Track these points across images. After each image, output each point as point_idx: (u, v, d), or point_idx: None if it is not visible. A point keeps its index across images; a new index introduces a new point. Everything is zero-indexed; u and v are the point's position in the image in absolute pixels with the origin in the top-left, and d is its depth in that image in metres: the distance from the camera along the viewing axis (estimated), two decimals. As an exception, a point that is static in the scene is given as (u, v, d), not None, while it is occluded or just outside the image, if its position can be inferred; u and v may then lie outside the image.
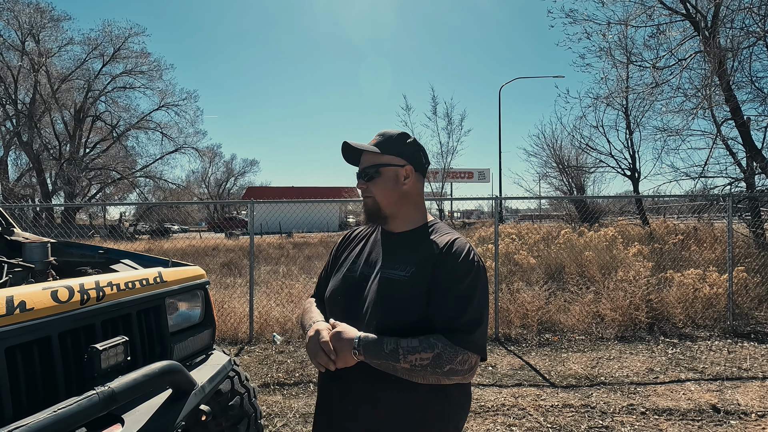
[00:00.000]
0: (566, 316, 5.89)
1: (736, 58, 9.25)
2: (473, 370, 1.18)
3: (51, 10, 28.62)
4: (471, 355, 1.16)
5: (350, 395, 1.26)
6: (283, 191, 42.45)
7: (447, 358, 1.13)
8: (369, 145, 1.34)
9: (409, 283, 1.22)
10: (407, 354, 1.13)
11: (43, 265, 2.43)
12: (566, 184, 18.13)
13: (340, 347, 1.17)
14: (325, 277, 1.49)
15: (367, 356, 1.16)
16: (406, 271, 1.24)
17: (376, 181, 1.32)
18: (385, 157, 1.32)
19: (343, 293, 1.34)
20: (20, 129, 28.35)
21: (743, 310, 6.07)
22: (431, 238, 1.29)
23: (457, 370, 1.14)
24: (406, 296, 1.21)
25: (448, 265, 1.21)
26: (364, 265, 1.35)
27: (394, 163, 1.32)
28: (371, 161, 1.33)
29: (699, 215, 11.38)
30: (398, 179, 1.32)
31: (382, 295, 1.23)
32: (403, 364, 1.13)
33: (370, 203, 1.34)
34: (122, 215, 30.84)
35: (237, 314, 5.91)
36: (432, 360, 1.12)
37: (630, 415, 3.48)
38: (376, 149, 1.32)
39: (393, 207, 1.33)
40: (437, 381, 1.17)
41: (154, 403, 1.64)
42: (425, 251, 1.26)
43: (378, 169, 1.32)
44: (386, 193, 1.32)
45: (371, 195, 1.33)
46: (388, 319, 1.21)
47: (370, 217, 1.36)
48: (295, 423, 3.43)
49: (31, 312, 1.44)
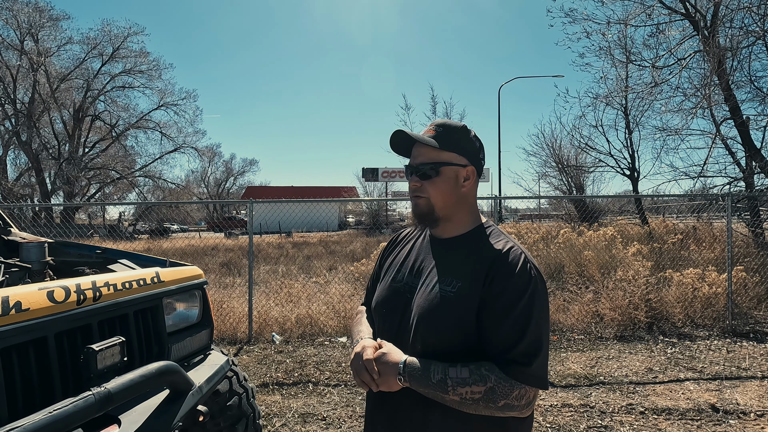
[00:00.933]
0: (565, 316, 5.89)
1: (736, 57, 9.26)
2: (531, 404, 1.05)
3: (50, 9, 28.64)
4: (529, 389, 1.02)
5: (397, 420, 1.17)
6: (282, 191, 42.47)
7: (501, 393, 1.00)
8: (427, 137, 1.18)
9: (456, 299, 1.09)
10: (456, 386, 1.01)
11: (40, 265, 2.43)
12: (566, 184, 18.13)
13: (384, 370, 1.07)
14: (372, 285, 1.39)
15: (413, 383, 1.05)
16: (452, 285, 1.12)
17: (434, 180, 1.17)
18: (446, 155, 1.17)
19: (387, 306, 1.23)
20: (19, 128, 28.33)
21: (742, 309, 6.07)
22: (482, 246, 1.16)
23: (513, 405, 1.02)
24: (452, 314, 1.09)
25: (501, 282, 1.07)
26: (408, 275, 1.23)
27: (456, 162, 1.17)
28: (429, 157, 1.17)
29: (698, 215, 11.37)
30: (458, 180, 1.18)
31: (428, 312, 1.12)
32: (452, 396, 1.02)
33: (422, 204, 1.19)
34: (121, 215, 30.85)
35: (236, 314, 5.91)
36: (484, 394, 1.01)
37: (629, 415, 3.48)
38: (435, 143, 1.16)
39: (448, 210, 1.19)
40: (491, 414, 1.05)
41: (151, 404, 1.64)
42: (475, 262, 1.12)
43: (438, 168, 1.16)
44: (443, 195, 1.17)
45: (425, 195, 1.18)
46: (434, 338, 1.10)
47: (420, 220, 1.22)
48: (293, 423, 3.42)
49: (27, 312, 1.43)
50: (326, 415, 3.54)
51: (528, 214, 28.11)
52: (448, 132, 1.19)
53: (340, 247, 15.75)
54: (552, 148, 17.73)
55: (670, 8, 9.63)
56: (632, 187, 14.99)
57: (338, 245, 16.36)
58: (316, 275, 8.94)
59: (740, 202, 9.10)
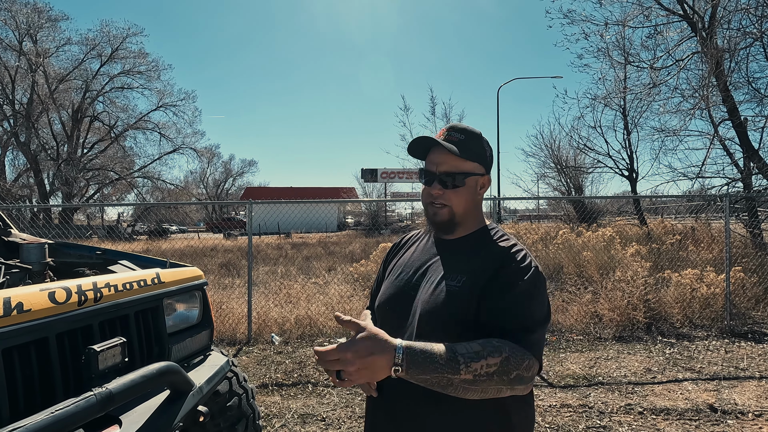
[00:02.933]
0: (564, 316, 5.90)
1: (733, 58, 9.29)
2: (534, 379, 1.03)
3: (49, 10, 28.65)
4: (534, 360, 1.01)
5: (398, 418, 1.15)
6: (281, 191, 42.45)
7: (515, 363, 0.96)
8: (450, 144, 1.16)
9: (461, 294, 1.10)
10: (470, 362, 0.92)
11: (40, 266, 2.43)
12: (564, 185, 18.16)
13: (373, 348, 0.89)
14: (377, 288, 1.39)
15: (413, 369, 0.90)
16: (457, 281, 1.12)
17: (458, 190, 1.16)
18: (468, 164, 1.17)
19: (390, 304, 1.24)
20: (18, 129, 28.29)
21: (740, 309, 6.09)
22: (488, 245, 1.17)
23: (523, 377, 0.98)
24: (456, 307, 1.09)
25: (505, 271, 1.09)
26: (413, 274, 1.23)
27: (477, 172, 1.18)
28: (454, 166, 1.16)
29: (696, 215, 11.41)
30: (476, 189, 1.19)
31: (432, 306, 1.12)
32: (464, 375, 0.92)
33: (445, 214, 1.18)
34: (120, 216, 30.79)
35: (235, 315, 5.91)
36: (500, 365, 0.94)
37: (628, 415, 3.49)
38: (458, 152, 1.15)
39: (463, 216, 1.20)
40: (496, 393, 0.98)
41: (151, 404, 1.64)
42: (482, 260, 1.14)
43: (464, 179, 1.16)
44: (465, 204, 1.18)
45: (448, 204, 1.17)
46: (439, 332, 1.08)
47: (439, 227, 1.21)
48: (293, 424, 3.43)
49: (29, 313, 1.44)
50: (326, 415, 3.55)
51: (527, 214, 28.16)
52: (470, 140, 1.18)
53: (339, 247, 15.75)
54: (551, 149, 17.78)
55: (668, 9, 9.66)
56: (631, 187, 15.04)
57: (337, 246, 16.36)
58: (315, 276, 8.95)
59: (738, 202, 9.13)
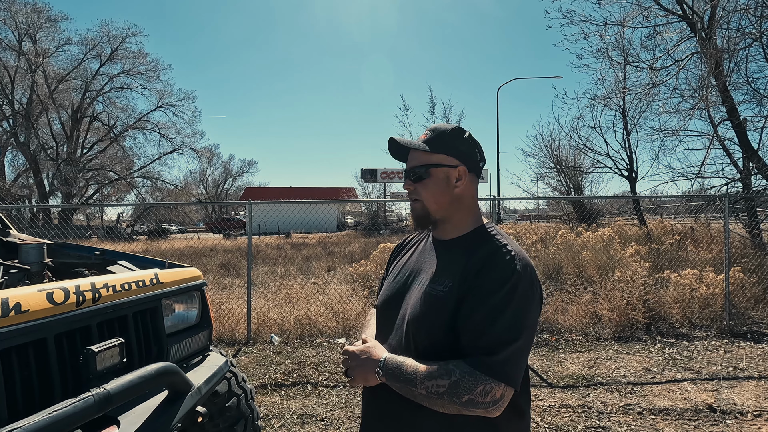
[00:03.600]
0: (564, 317, 5.90)
1: (733, 59, 9.28)
2: (499, 404, 0.99)
3: (48, 10, 28.63)
4: (495, 385, 0.97)
5: (386, 418, 1.18)
6: (281, 192, 42.44)
7: (465, 387, 0.97)
8: (418, 142, 1.21)
9: (446, 298, 1.09)
10: (424, 380, 1.01)
11: (39, 266, 2.43)
12: (564, 185, 18.17)
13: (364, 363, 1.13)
14: (380, 288, 1.41)
15: (388, 379, 1.08)
16: (444, 285, 1.12)
17: (425, 182, 1.19)
18: (435, 156, 1.19)
19: (386, 306, 1.26)
20: (17, 129, 28.28)
21: (740, 310, 6.10)
22: (478, 246, 1.15)
23: (477, 402, 0.97)
24: (441, 313, 1.08)
25: (482, 276, 1.06)
26: (408, 276, 1.25)
27: (445, 164, 1.19)
28: (420, 160, 1.20)
29: (696, 215, 11.42)
30: (449, 181, 1.19)
31: (418, 311, 1.13)
32: (419, 390, 1.02)
33: (418, 207, 1.22)
34: (120, 216, 30.78)
35: (235, 315, 5.91)
36: (448, 388, 0.98)
37: (627, 415, 3.49)
38: (425, 147, 1.19)
39: (443, 212, 1.20)
40: (458, 412, 1.02)
41: (150, 405, 1.64)
42: (467, 261, 1.12)
43: (427, 170, 1.19)
44: (436, 197, 1.19)
45: (419, 198, 1.21)
46: (424, 338, 1.11)
47: (418, 223, 1.24)
48: (292, 424, 3.43)
49: (27, 314, 1.44)
50: (325, 416, 3.55)
51: (526, 215, 28.17)
52: (439, 135, 1.21)
53: (338, 248, 15.74)
54: (550, 149, 17.79)
55: (668, 10, 9.66)
56: (630, 188, 15.04)
57: (337, 246, 16.36)
58: (315, 276, 8.95)
59: (737, 202, 9.13)
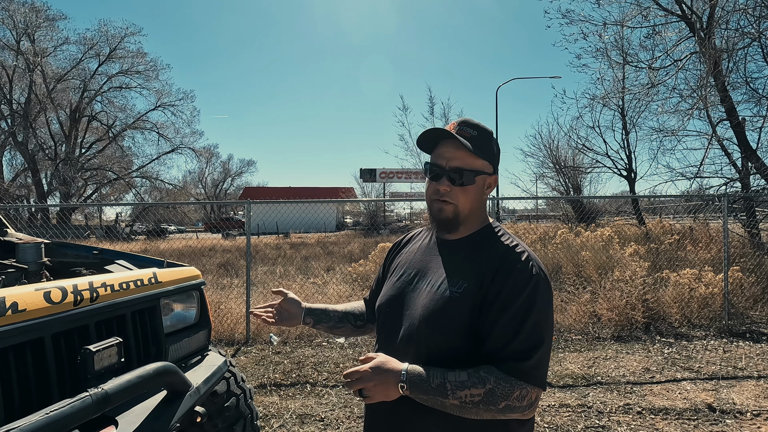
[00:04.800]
0: (563, 316, 5.90)
1: (732, 59, 9.30)
2: (534, 405, 1.02)
3: (46, 9, 28.54)
4: (531, 389, 0.99)
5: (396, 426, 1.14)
6: (280, 191, 42.44)
7: (501, 394, 0.98)
8: (465, 141, 1.11)
9: (462, 300, 1.07)
10: (456, 389, 0.99)
11: (36, 265, 2.42)
12: (563, 185, 18.18)
13: (384, 379, 1.03)
14: (377, 287, 1.38)
15: (414, 390, 1.02)
16: (458, 286, 1.09)
17: (467, 188, 1.12)
18: (479, 162, 1.12)
19: (391, 305, 1.21)
20: (15, 129, 28.22)
21: (738, 309, 6.10)
22: (489, 246, 1.13)
23: (515, 406, 0.99)
24: (457, 315, 1.06)
25: (501, 279, 1.05)
26: (414, 276, 1.20)
27: (486, 171, 1.14)
28: (466, 163, 1.11)
29: (695, 215, 11.42)
30: (484, 188, 1.15)
31: (432, 313, 1.09)
32: (452, 401, 0.99)
33: (449, 211, 1.13)
34: (118, 216, 30.75)
35: (234, 315, 5.90)
36: (484, 396, 0.98)
37: (626, 415, 3.49)
38: (472, 148, 1.10)
39: (469, 215, 1.16)
40: (493, 418, 1.02)
41: (148, 405, 1.63)
42: (480, 262, 1.10)
43: (474, 177, 1.12)
44: (471, 203, 1.14)
45: (453, 201, 1.12)
46: (439, 340, 1.08)
47: (442, 224, 1.16)
48: (291, 424, 3.42)
49: (24, 313, 1.43)
50: (324, 415, 3.54)
51: (526, 214, 28.18)
52: (483, 137, 1.14)
53: (337, 247, 15.74)
54: (549, 149, 17.81)
55: (667, 10, 9.67)
56: (629, 187, 15.07)
57: (336, 246, 16.35)
58: (314, 276, 8.94)
59: (736, 202, 9.14)
